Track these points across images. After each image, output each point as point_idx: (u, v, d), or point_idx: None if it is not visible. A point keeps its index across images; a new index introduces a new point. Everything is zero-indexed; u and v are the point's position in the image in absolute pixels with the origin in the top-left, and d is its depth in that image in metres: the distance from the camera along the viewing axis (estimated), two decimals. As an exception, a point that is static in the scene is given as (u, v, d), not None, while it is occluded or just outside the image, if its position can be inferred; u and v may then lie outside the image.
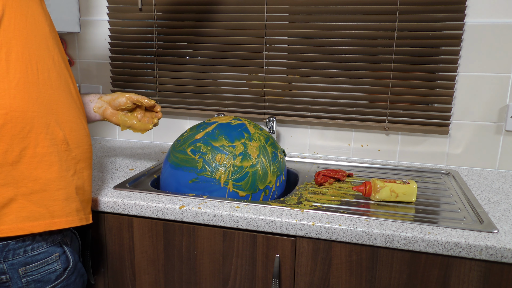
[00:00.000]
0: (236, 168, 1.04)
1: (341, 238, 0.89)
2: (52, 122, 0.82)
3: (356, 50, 1.39)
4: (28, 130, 0.78)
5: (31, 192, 0.79)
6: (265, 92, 1.50)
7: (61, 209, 0.82)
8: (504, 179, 1.26)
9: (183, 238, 1.01)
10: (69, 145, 0.85)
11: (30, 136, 0.79)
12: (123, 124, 1.12)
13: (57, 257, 0.85)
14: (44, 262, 0.83)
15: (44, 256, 0.82)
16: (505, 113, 1.32)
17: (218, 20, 1.50)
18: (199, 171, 1.04)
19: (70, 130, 0.86)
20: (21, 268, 0.80)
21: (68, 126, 0.85)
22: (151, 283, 1.06)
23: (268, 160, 1.08)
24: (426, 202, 1.05)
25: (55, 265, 0.84)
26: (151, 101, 1.14)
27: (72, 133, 0.86)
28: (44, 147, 0.80)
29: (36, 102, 0.80)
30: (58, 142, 0.83)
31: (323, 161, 1.42)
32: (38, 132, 0.80)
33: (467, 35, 1.31)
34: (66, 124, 0.85)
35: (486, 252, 0.82)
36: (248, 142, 1.08)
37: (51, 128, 0.82)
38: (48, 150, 0.81)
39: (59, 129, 0.83)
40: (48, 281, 0.83)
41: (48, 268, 0.83)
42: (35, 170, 0.79)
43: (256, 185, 1.06)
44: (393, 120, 1.41)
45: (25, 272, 0.80)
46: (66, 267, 0.86)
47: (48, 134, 0.81)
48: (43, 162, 0.80)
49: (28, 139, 0.78)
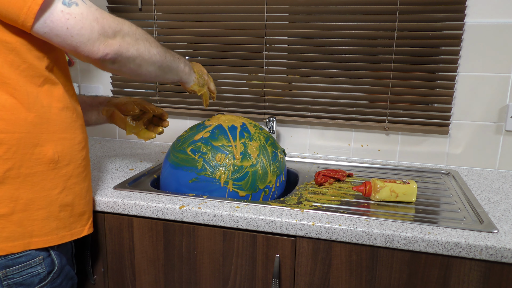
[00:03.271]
0: (236, 167, 1.04)
1: (341, 238, 0.89)
2: (41, 142, 0.80)
3: (356, 50, 1.39)
4: (13, 152, 0.76)
5: (12, 213, 0.77)
6: (265, 92, 1.50)
7: (39, 228, 0.81)
8: (504, 179, 1.26)
9: (183, 238, 1.01)
10: (58, 163, 0.83)
11: (15, 157, 0.77)
12: (129, 129, 1.14)
13: (41, 260, 0.82)
14: (27, 265, 0.80)
15: (26, 259, 0.80)
16: (505, 113, 1.32)
17: (218, 20, 1.50)
18: (199, 171, 1.04)
19: (62, 147, 0.83)
20: (1, 271, 0.77)
21: (60, 143, 0.83)
22: (151, 283, 1.06)
23: (268, 159, 1.08)
24: (426, 202, 1.05)
25: (38, 268, 0.81)
26: (159, 109, 1.16)
27: (64, 150, 0.84)
28: (28, 167, 0.78)
29: (25, 123, 0.77)
30: (45, 162, 0.81)
31: (323, 161, 1.42)
32: (23, 153, 0.77)
33: (467, 35, 1.31)
34: (58, 141, 0.83)
35: (486, 252, 0.82)
36: (248, 142, 1.08)
37: (38, 148, 0.79)
38: (32, 170, 0.79)
39: (48, 148, 0.81)
40: (31, 285, 0.81)
41: (31, 271, 0.80)
42: (17, 190, 0.77)
43: (256, 185, 1.06)
44: (393, 120, 1.41)
45: (6, 275, 0.78)
46: (50, 270, 0.83)
47: (34, 155, 0.79)
48: (26, 182, 0.79)
49: (12, 160, 0.76)
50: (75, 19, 0.73)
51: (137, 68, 0.86)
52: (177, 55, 0.99)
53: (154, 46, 0.88)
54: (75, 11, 0.73)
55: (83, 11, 0.74)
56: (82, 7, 0.74)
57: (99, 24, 0.75)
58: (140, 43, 0.84)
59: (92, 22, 0.74)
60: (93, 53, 0.76)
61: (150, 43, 0.87)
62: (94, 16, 0.75)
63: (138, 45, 0.83)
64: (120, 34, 0.79)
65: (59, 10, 0.72)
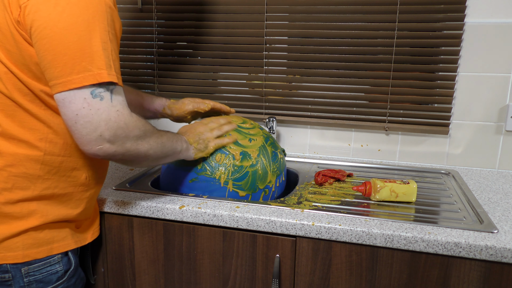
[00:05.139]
0: (236, 167, 1.04)
1: (341, 238, 0.89)
2: (78, 166, 0.85)
3: (356, 50, 1.39)
4: (54, 173, 0.82)
5: (41, 225, 0.82)
6: (265, 92, 1.50)
7: (59, 235, 0.86)
8: (504, 179, 1.26)
9: (183, 238, 1.01)
10: (87, 186, 0.89)
11: (53, 178, 0.82)
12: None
13: (59, 259, 0.86)
14: (47, 263, 0.83)
15: (47, 257, 0.83)
16: (505, 113, 1.32)
17: (218, 20, 1.50)
18: (199, 171, 1.04)
19: (93, 172, 0.89)
20: (24, 268, 0.81)
21: (92, 168, 0.89)
22: (151, 283, 1.06)
23: (268, 159, 1.08)
24: (426, 202, 1.05)
25: (56, 267, 0.85)
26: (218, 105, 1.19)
27: (94, 174, 0.90)
28: (62, 188, 0.84)
29: (70, 147, 0.83)
30: (77, 184, 0.86)
31: (323, 161, 1.42)
32: (61, 175, 0.83)
33: (467, 35, 1.31)
34: (91, 166, 0.88)
35: (486, 252, 0.82)
36: (248, 142, 1.08)
37: (75, 172, 0.85)
38: (64, 191, 0.84)
39: (82, 172, 0.86)
40: (49, 282, 0.84)
41: (50, 269, 0.84)
42: (48, 207, 0.83)
43: (256, 185, 1.06)
44: (393, 120, 1.41)
45: (28, 272, 0.81)
46: (67, 269, 0.87)
47: (70, 177, 0.84)
48: (57, 201, 0.84)
49: (50, 180, 0.82)
50: (88, 111, 0.73)
51: (130, 163, 0.87)
52: (174, 137, 0.95)
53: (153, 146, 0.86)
54: (95, 105, 0.73)
55: (100, 107, 0.73)
56: (104, 103, 0.74)
57: (106, 126, 0.74)
58: (140, 146, 0.82)
59: (101, 121, 0.74)
60: (85, 148, 0.76)
61: (150, 144, 0.85)
62: (108, 116, 0.74)
63: (137, 150, 0.82)
64: (121, 140, 0.78)
65: (82, 97, 0.72)
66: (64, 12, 0.70)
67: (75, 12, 0.71)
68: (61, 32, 0.70)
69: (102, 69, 0.73)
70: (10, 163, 0.78)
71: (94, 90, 0.73)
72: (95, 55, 0.72)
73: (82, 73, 0.71)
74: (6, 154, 0.77)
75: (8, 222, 0.79)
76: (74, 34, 0.71)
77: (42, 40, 0.71)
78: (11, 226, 0.79)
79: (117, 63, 0.76)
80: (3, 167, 0.77)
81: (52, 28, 0.70)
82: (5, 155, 0.77)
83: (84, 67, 0.71)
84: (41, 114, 0.78)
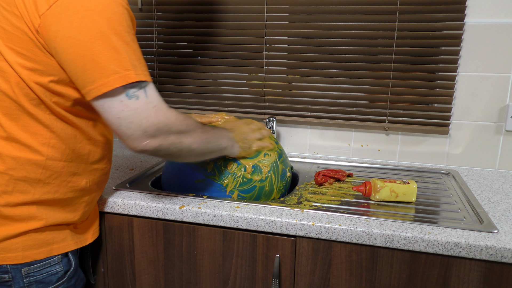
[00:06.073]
0: (245, 179, 1.03)
1: (341, 238, 0.89)
2: (79, 171, 0.86)
3: (356, 50, 1.39)
4: (55, 178, 0.82)
5: (42, 228, 0.83)
6: (265, 92, 1.50)
7: (59, 236, 0.86)
8: (504, 179, 1.26)
9: (183, 238, 1.01)
10: (89, 191, 0.90)
11: (54, 182, 0.82)
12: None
13: (59, 260, 0.86)
14: (46, 264, 0.84)
15: (47, 258, 0.84)
16: (505, 113, 1.32)
17: (218, 20, 1.50)
18: (208, 174, 1.03)
19: (94, 177, 0.90)
20: (24, 268, 0.81)
21: (93, 173, 0.90)
22: (151, 283, 1.06)
23: (277, 177, 1.07)
24: (426, 202, 1.05)
25: (56, 267, 0.85)
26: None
27: (95, 179, 0.91)
28: (62, 193, 0.84)
29: (72, 153, 0.83)
30: (77, 189, 0.87)
31: (323, 161, 1.42)
32: (61, 180, 0.83)
33: (467, 35, 1.31)
34: (92, 172, 0.89)
35: (486, 252, 0.82)
36: (262, 157, 1.07)
37: (75, 177, 0.86)
38: (64, 196, 0.85)
39: (83, 177, 0.87)
40: (50, 283, 0.84)
41: (50, 270, 0.84)
42: (48, 210, 0.83)
43: (260, 200, 1.05)
44: (393, 120, 1.41)
45: (28, 272, 0.81)
46: (67, 269, 0.88)
47: (70, 183, 0.85)
48: (57, 205, 0.84)
49: (51, 185, 0.82)
50: (128, 113, 0.75)
51: (176, 158, 0.89)
52: (219, 133, 0.97)
53: (197, 140, 0.87)
54: (132, 106, 0.75)
55: (138, 106, 0.75)
56: (141, 102, 0.76)
57: (148, 123, 0.76)
58: (184, 140, 0.84)
59: (143, 119, 0.76)
60: (133, 147, 0.78)
61: (194, 138, 0.86)
62: (147, 113, 0.76)
63: (181, 143, 0.84)
64: (164, 133, 0.79)
65: (119, 100, 0.74)
66: (85, 19, 0.71)
67: (95, 18, 0.72)
68: (85, 39, 0.71)
69: (129, 69, 0.74)
70: (11, 167, 0.78)
71: (128, 92, 0.74)
72: (120, 57, 0.73)
73: (112, 76, 0.73)
74: (8, 157, 0.78)
75: (8, 224, 0.79)
76: (97, 40, 0.72)
77: (69, 49, 0.72)
78: (11, 228, 0.79)
79: (143, 61, 0.78)
80: (4, 170, 0.78)
81: (76, 37, 0.71)
82: (7, 158, 0.78)
83: (113, 70, 0.73)
84: (45, 119, 0.79)
